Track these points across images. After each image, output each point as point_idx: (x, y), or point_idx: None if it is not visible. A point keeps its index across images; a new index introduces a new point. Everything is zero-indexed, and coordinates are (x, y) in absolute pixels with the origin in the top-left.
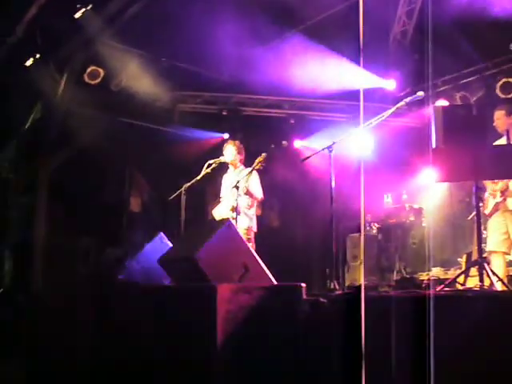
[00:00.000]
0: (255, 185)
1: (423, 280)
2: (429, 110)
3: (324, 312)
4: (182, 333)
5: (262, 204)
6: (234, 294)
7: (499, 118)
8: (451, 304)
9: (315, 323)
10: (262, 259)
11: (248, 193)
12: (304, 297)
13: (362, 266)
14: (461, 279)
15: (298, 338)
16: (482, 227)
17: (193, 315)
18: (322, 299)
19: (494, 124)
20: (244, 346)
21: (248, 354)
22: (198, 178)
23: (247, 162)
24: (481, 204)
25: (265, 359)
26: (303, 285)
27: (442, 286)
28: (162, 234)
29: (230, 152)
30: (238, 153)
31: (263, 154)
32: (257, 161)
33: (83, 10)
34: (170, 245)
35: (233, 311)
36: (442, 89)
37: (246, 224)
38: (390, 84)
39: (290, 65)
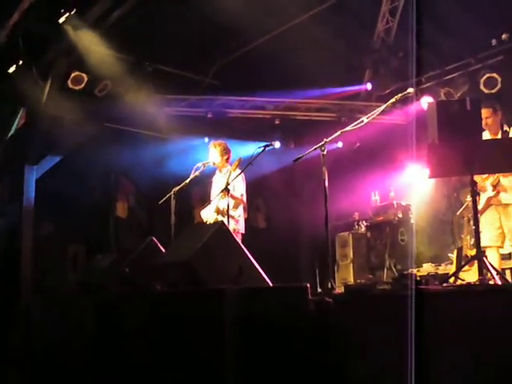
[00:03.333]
0: (238, 186)
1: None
2: (413, 107)
3: (330, 311)
4: (189, 338)
5: (249, 206)
6: (241, 296)
7: (488, 116)
8: (457, 300)
9: (322, 323)
10: None
11: (231, 195)
12: (310, 297)
13: (352, 264)
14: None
15: (307, 337)
16: (472, 222)
17: (200, 319)
18: (327, 299)
19: (483, 123)
20: (253, 348)
21: (257, 356)
22: (187, 181)
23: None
24: (469, 199)
25: (274, 360)
26: (308, 285)
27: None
28: (153, 238)
29: (215, 154)
30: (223, 154)
31: (239, 158)
32: (233, 165)
33: (67, 14)
34: (162, 250)
35: (240, 313)
36: (426, 85)
37: (231, 227)
38: (367, 86)
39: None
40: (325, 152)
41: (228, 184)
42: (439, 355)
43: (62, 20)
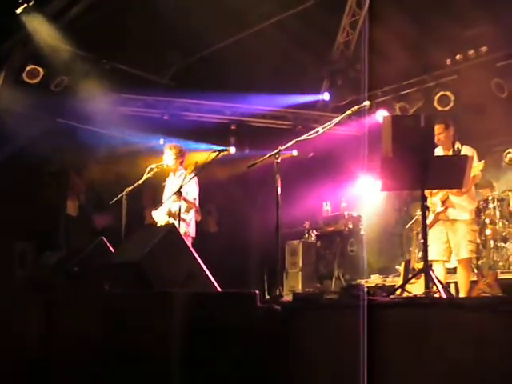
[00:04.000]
0: (192, 190)
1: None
2: (368, 120)
3: (279, 318)
4: (134, 341)
5: (201, 210)
6: (189, 300)
7: (440, 132)
8: (403, 311)
9: (271, 330)
10: None
11: (184, 198)
12: (258, 304)
13: (300, 273)
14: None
15: (255, 344)
16: (421, 236)
17: (146, 323)
18: (275, 306)
19: (436, 139)
20: (199, 353)
21: (203, 362)
22: (140, 182)
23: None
24: (419, 213)
25: (222, 367)
26: (257, 292)
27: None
28: (103, 238)
29: (169, 156)
30: (177, 157)
31: (194, 162)
32: (188, 168)
33: (25, 5)
34: (112, 250)
35: (188, 318)
36: (382, 99)
37: (182, 230)
38: (325, 96)
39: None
40: (279, 160)
41: (181, 187)
42: (388, 365)
43: (19, 10)
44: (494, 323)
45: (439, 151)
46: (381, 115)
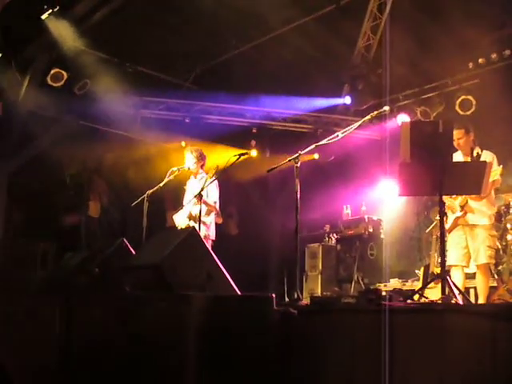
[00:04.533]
0: (212, 193)
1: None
2: (389, 124)
3: (294, 322)
4: (153, 343)
5: (221, 213)
6: (207, 303)
7: (460, 137)
8: (418, 317)
9: (286, 333)
10: None
11: (204, 201)
12: (275, 307)
13: (320, 276)
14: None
15: (271, 348)
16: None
17: (165, 325)
18: (292, 310)
19: (455, 143)
20: (217, 356)
21: (221, 365)
22: (161, 184)
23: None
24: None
25: (238, 370)
26: (273, 295)
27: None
28: (124, 240)
29: (190, 160)
30: (198, 160)
31: (216, 165)
32: (210, 172)
33: (50, 11)
34: (133, 252)
35: (206, 321)
36: (403, 103)
37: (202, 233)
38: (346, 99)
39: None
40: (298, 164)
41: (202, 190)
42: (402, 370)
43: (44, 16)
44: (509, 330)
45: (459, 156)
46: (402, 119)
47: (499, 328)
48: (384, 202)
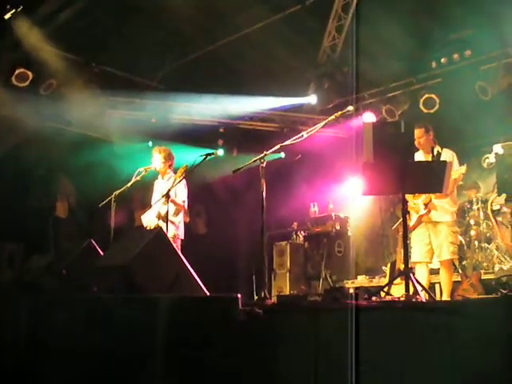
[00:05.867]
0: (181, 193)
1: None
2: (354, 122)
3: (259, 322)
4: (120, 344)
5: (190, 212)
6: (174, 304)
7: (420, 136)
8: (381, 315)
9: (252, 333)
10: None
11: (172, 201)
12: (240, 307)
13: (288, 274)
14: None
15: (236, 347)
16: None
17: (132, 327)
18: (257, 309)
19: (416, 142)
20: (183, 357)
21: (186, 365)
22: (129, 185)
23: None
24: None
25: (203, 369)
26: (239, 295)
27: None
28: (91, 241)
29: (158, 160)
30: (166, 160)
31: (185, 165)
32: (178, 172)
33: (13, 11)
34: (101, 252)
35: (172, 322)
36: (368, 101)
37: (171, 232)
38: (311, 99)
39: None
40: (264, 164)
41: (169, 190)
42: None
43: (7, 16)
44: (465, 325)
45: (420, 155)
46: (367, 118)
47: (455, 323)
48: (351, 199)
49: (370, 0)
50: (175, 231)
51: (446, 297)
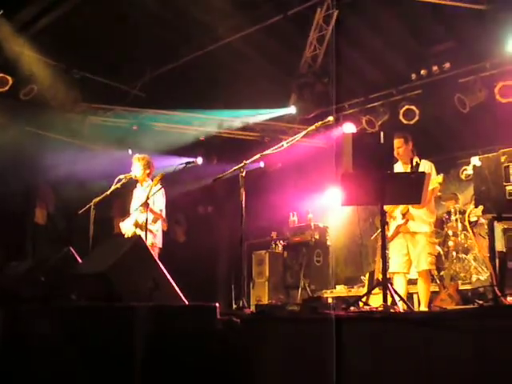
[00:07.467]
0: (158, 201)
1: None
2: (335, 132)
3: (237, 331)
4: (98, 353)
5: (168, 220)
6: (151, 314)
7: (399, 146)
8: (358, 325)
9: (228, 342)
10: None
11: (150, 209)
12: (218, 316)
13: (267, 283)
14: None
15: (214, 357)
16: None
17: (110, 336)
18: (235, 319)
19: (395, 153)
20: (161, 367)
21: (164, 374)
22: (108, 192)
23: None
24: None
25: (181, 379)
26: (217, 304)
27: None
28: (70, 248)
29: (137, 167)
30: (145, 168)
31: (161, 174)
32: (154, 180)
33: None
34: (79, 260)
35: (150, 332)
36: (348, 112)
37: (149, 241)
38: (291, 109)
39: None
40: (243, 174)
41: (148, 198)
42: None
43: None
44: (439, 337)
45: (399, 165)
46: (347, 128)
47: (430, 335)
48: (330, 209)
49: (351, 12)
50: (153, 240)
51: (423, 307)
